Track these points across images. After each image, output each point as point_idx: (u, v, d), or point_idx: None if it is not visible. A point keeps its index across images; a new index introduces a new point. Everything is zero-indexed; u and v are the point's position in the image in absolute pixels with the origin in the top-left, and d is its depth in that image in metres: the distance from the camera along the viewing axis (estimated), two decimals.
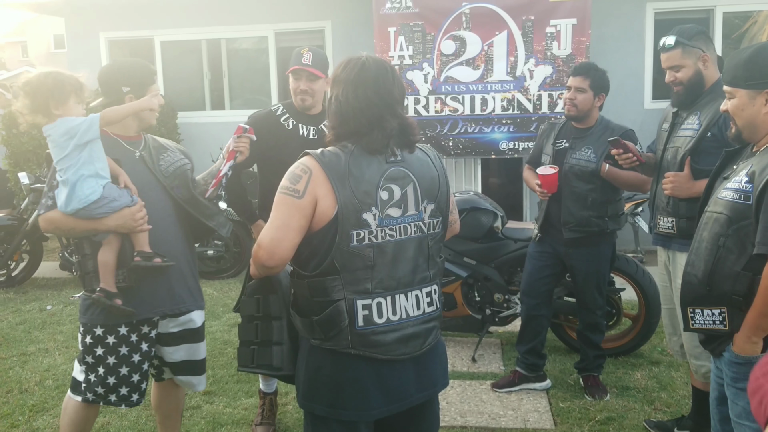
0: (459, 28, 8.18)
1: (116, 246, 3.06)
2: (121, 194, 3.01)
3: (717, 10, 8.56)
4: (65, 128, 2.90)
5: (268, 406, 4.26)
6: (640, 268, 5.08)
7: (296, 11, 9.35)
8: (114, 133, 3.15)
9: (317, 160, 2.29)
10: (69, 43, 10.39)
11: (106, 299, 3.01)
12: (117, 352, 3.14)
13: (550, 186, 4.30)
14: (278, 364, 2.50)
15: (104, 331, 3.12)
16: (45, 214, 3.04)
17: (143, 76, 3.22)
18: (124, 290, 3.08)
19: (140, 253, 3.06)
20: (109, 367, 3.14)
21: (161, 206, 3.19)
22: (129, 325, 3.14)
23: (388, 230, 2.31)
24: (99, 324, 3.12)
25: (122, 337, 3.14)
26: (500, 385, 4.68)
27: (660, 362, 5.06)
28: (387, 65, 2.41)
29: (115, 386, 3.17)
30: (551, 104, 8.12)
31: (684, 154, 3.54)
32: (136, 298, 3.11)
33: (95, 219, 2.98)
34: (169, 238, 3.21)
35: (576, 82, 4.29)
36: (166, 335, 3.28)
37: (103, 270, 3.04)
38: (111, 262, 3.05)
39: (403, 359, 2.38)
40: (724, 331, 2.54)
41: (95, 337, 3.13)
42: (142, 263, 3.04)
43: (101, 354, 3.13)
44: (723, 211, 2.52)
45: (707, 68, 3.56)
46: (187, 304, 3.29)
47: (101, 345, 3.13)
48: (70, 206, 2.93)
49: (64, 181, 2.93)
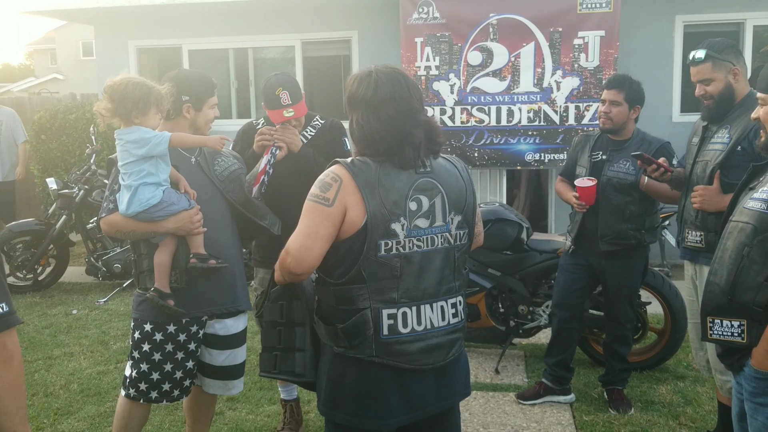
0: (486, 39, 8.18)
1: (172, 248, 3.17)
2: (179, 198, 3.13)
3: (747, 23, 8.48)
4: (137, 136, 3.02)
5: (289, 413, 4.28)
6: (667, 281, 5.04)
7: (323, 21, 9.39)
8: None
9: (348, 169, 2.29)
10: (98, 50, 10.51)
11: (160, 299, 3.11)
12: (163, 349, 3.21)
13: (588, 198, 4.27)
14: (301, 370, 2.51)
15: (153, 327, 3.21)
16: (106, 217, 3.17)
17: (203, 88, 3.32)
18: (177, 291, 3.17)
19: (196, 255, 3.16)
20: (153, 364, 3.22)
21: (217, 209, 3.30)
22: (177, 323, 3.22)
23: (416, 241, 2.31)
24: (149, 320, 3.21)
25: (170, 335, 3.22)
26: (525, 397, 4.65)
27: (685, 377, 5.01)
28: (399, 76, 2.39)
29: (158, 382, 3.23)
30: (578, 116, 8.09)
31: (713, 167, 3.52)
32: (187, 297, 3.20)
33: (154, 222, 3.10)
34: (223, 240, 3.32)
35: (611, 96, 4.26)
36: (211, 337, 3.34)
37: (159, 270, 3.15)
38: (167, 263, 3.16)
39: (426, 369, 2.38)
40: (742, 344, 2.51)
41: (144, 333, 3.22)
42: (198, 264, 3.15)
43: (147, 350, 3.21)
44: (749, 221, 2.50)
45: (738, 82, 3.54)
46: (236, 304, 3.38)
47: (148, 341, 3.21)
48: (131, 209, 3.06)
49: (127, 185, 3.07)
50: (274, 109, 3.70)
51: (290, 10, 9.29)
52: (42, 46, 49.75)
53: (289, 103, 3.67)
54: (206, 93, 3.32)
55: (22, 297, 7.55)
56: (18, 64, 56.83)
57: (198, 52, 10.05)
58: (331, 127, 4.01)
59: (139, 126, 3.04)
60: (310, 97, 9.95)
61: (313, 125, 3.98)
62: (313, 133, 3.95)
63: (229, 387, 3.52)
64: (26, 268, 7.63)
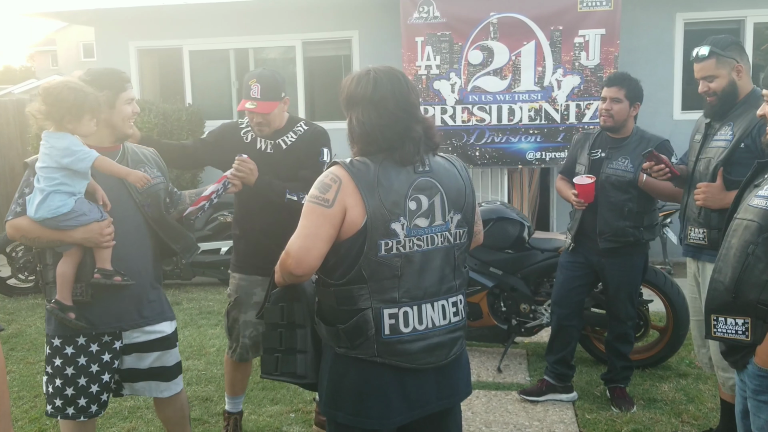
0: (487, 38, 8.18)
1: (77, 259, 3.02)
2: (91, 209, 2.98)
3: (748, 20, 8.48)
4: (65, 145, 2.88)
5: (232, 427, 4.20)
6: (669, 279, 5.04)
7: (324, 21, 9.39)
8: (89, 144, 3.02)
9: (347, 169, 2.29)
10: (98, 52, 10.53)
11: (60, 311, 2.97)
12: (75, 363, 3.08)
13: (587, 195, 4.27)
14: (302, 372, 2.51)
15: (62, 341, 3.07)
16: (13, 220, 2.99)
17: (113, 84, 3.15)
18: (82, 304, 3.03)
19: (101, 270, 3.00)
20: (67, 378, 3.08)
21: (131, 222, 3.14)
22: (87, 335, 3.08)
23: (416, 240, 2.31)
24: (57, 335, 3.08)
25: (80, 347, 3.08)
26: (528, 393, 4.65)
27: (688, 375, 5.00)
28: (397, 73, 2.41)
29: (73, 397, 3.09)
30: (579, 114, 8.08)
31: (717, 164, 3.51)
32: (95, 311, 3.07)
33: (62, 230, 2.95)
34: (135, 254, 3.16)
35: (611, 93, 4.26)
36: (132, 345, 3.20)
37: (61, 281, 3.00)
38: (69, 275, 3.01)
39: (428, 368, 2.38)
40: (746, 342, 2.51)
41: (53, 347, 3.08)
42: (101, 281, 2.99)
43: (59, 364, 3.08)
44: (754, 219, 2.49)
45: (741, 79, 3.53)
46: (148, 320, 3.22)
47: (59, 355, 3.08)
48: (38, 214, 2.90)
49: (39, 188, 2.91)
50: (243, 97, 3.73)
51: (291, 10, 9.30)
52: (43, 48, 49.77)
53: (257, 97, 3.64)
54: (118, 88, 3.14)
55: (24, 299, 7.55)
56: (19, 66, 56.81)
57: (198, 53, 10.06)
58: (313, 134, 3.89)
59: (68, 133, 2.91)
60: (311, 97, 9.96)
61: (295, 131, 3.88)
62: (294, 139, 3.86)
63: (161, 389, 3.33)
64: (28, 269, 7.63)
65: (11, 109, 11.12)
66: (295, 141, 3.85)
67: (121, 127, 3.16)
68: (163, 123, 8.84)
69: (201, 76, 10.20)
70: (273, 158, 3.78)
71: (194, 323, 6.59)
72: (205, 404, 4.67)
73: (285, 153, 3.81)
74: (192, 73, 10.11)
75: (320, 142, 3.88)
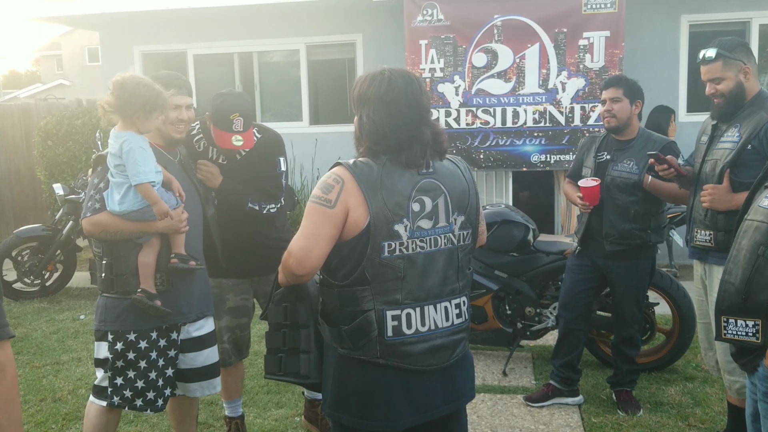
0: (491, 40, 8.17)
1: (157, 248, 3.14)
2: (169, 198, 3.10)
3: (753, 22, 8.45)
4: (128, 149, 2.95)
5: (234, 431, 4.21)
6: (675, 282, 5.01)
7: (328, 25, 9.40)
8: (156, 143, 3.23)
9: (350, 170, 2.28)
10: (103, 56, 10.55)
11: (148, 299, 3.07)
12: (148, 357, 3.19)
13: (592, 198, 4.25)
14: (305, 372, 2.51)
15: (137, 336, 3.17)
16: (92, 217, 3.06)
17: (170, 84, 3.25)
18: (162, 293, 3.15)
19: (177, 255, 3.14)
20: (139, 371, 3.19)
21: (196, 212, 3.31)
22: (159, 330, 3.21)
23: (419, 242, 2.31)
24: (132, 329, 3.17)
25: (153, 341, 3.20)
26: (533, 399, 4.63)
27: (694, 378, 4.98)
28: (412, 76, 2.41)
29: (143, 390, 3.20)
30: (583, 117, 8.07)
31: (723, 166, 3.49)
32: (170, 301, 3.18)
33: (146, 221, 3.05)
34: (199, 243, 3.34)
35: (609, 94, 4.25)
36: (186, 341, 3.34)
37: (144, 271, 3.10)
38: (152, 264, 3.12)
39: (431, 370, 2.38)
40: (756, 344, 2.49)
41: (128, 342, 3.17)
42: (179, 265, 3.12)
43: (132, 358, 3.18)
44: (764, 220, 2.47)
45: (748, 80, 3.51)
46: (204, 310, 3.39)
47: (133, 349, 3.18)
48: (122, 207, 2.99)
49: (118, 182, 3.00)
50: (223, 131, 3.53)
51: (294, 13, 9.30)
52: (48, 53, 49.95)
53: (240, 130, 3.53)
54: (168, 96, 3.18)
55: (30, 303, 7.55)
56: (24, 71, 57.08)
57: (203, 57, 10.08)
58: (268, 142, 3.79)
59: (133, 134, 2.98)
60: (315, 100, 9.96)
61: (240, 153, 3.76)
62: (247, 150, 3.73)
63: (214, 385, 3.50)
64: (33, 273, 7.65)
65: (17, 113, 11.12)
66: (249, 150, 3.72)
67: (166, 131, 3.26)
68: None
69: (205, 80, 10.21)
70: (226, 168, 3.67)
71: None
72: (210, 408, 4.66)
73: (239, 163, 3.71)
74: (196, 77, 10.12)
75: (275, 151, 3.80)
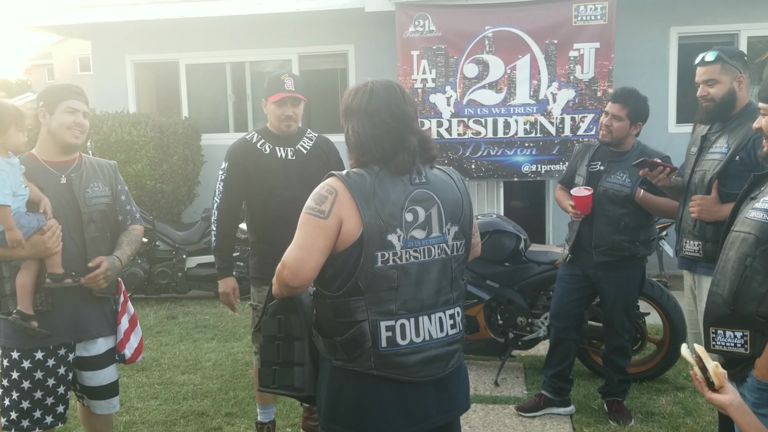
0: (482, 51, 8.21)
1: (34, 269, 3.10)
2: (29, 221, 3.03)
3: (741, 34, 8.52)
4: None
5: None
6: (665, 292, 5.03)
7: (320, 35, 9.42)
8: (42, 159, 3.18)
9: (343, 181, 2.29)
10: (95, 65, 10.53)
11: (23, 321, 3.04)
12: (32, 377, 3.14)
13: (583, 207, 4.27)
14: (300, 384, 2.48)
15: (20, 355, 3.13)
16: None
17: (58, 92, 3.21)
18: (42, 314, 3.11)
19: (51, 275, 3.09)
20: (23, 392, 3.14)
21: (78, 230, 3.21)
22: (45, 350, 3.15)
23: (413, 252, 2.31)
24: (16, 348, 3.13)
25: (38, 362, 3.14)
26: (525, 409, 4.63)
27: (685, 388, 4.99)
28: (394, 85, 2.42)
29: (29, 410, 3.15)
30: (574, 127, 8.11)
31: (712, 177, 3.52)
32: (53, 323, 3.14)
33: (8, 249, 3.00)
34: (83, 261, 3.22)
35: (614, 110, 4.26)
36: (82, 360, 3.30)
37: (21, 292, 3.07)
38: (29, 285, 3.08)
39: (426, 381, 2.37)
40: (745, 354, 2.50)
41: (12, 360, 3.14)
42: (53, 285, 3.08)
43: (16, 378, 3.13)
44: (751, 231, 2.49)
45: (741, 90, 3.55)
46: (101, 330, 3.32)
47: (17, 369, 3.13)
48: None
49: None
50: (276, 92, 3.85)
51: (287, 23, 9.32)
52: (39, 62, 49.86)
53: (292, 89, 3.84)
54: (60, 96, 3.17)
55: None
56: (15, 80, 56.80)
57: (195, 66, 10.08)
58: (325, 141, 4.14)
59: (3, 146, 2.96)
60: (308, 110, 9.96)
61: (308, 137, 4.07)
62: (310, 144, 4.03)
63: (113, 404, 3.46)
64: None
65: None
66: (312, 146, 4.01)
67: (61, 135, 3.17)
68: (159, 136, 8.84)
69: (197, 90, 10.21)
70: (296, 164, 3.86)
71: (190, 337, 6.56)
72: (201, 419, 4.65)
73: (307, 157, 3.93)
74: (188, 87, 10.12)
75: (335, 149, 4.11)
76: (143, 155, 8.63)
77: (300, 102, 3.93)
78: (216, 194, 3.99)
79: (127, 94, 10.09)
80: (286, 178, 3.81)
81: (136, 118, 8.96)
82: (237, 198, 3.98)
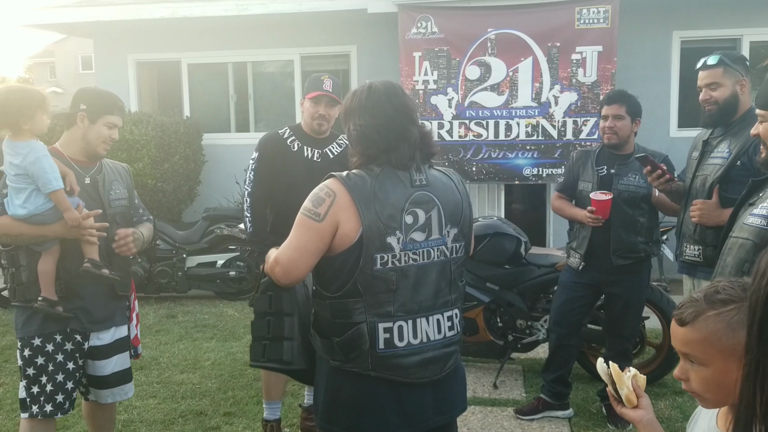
0: (484, 53, 8.21)
1: (56, 256, 3.16)
2: (72, 202, 3.11)
3: (744, 39, 8.52)
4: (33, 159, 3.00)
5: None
6: (665, 296, 5.03)
7: (322, 36, 9.42)
8: (68, 155, 3.26)
9: (342, 182, 2.29)
10: (97, 64, 10.53)
11: (49, 307, 3.11)
12: (54, 359, 3.20)
13: (604, 212, 4.21)
14: (288, 358, 2.51)
15: (42, 340, 3.19)
16: None
17: (102, 103, 3.29)
18: (63, 300, 3.18)
19: (91, 260, 3.15)
20: (48, 374, 3.19)
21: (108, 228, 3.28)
22: (62, 333, 3.21)
23: (412, 254, 2.31)
24: (36, 334, 3.19)
25: (58, 344, 3.20)
26: (524, 412, 4.63)
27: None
28: (392, 82, 2.46)
29: (51, 394, 3.20)
30: (576, 131, 8.11)
31: (713, 182, 3.52)
32: (72, 309, 3.21)
33: (45, 225, 3.07)
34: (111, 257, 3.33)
35: (613, 110, 4.26)
36: (94, 349, 3.34)
37: (44, 279, 3.14)
38: (51, 272, 3.15)
39: (423, 383, 2.37)
40: None
41: (34, 348, 3.19)
42: (91, 269, 3.13)
43: (42, 363, 3.19)
44: (749, 237, 2.49)
45: (743, 94, 3.56)
46: (116, 320, 3.41)
47: (41, 354, 3.19)
48: (23, 211, 3.03)
49: (18, 188, 3.03)
50: (314, 90, 3.94)
51: (289, 24, 9.32)
52: (41, 60, 49.91)
53: (329, 90, 3.92)
54: (105, 109, 3.26)
55: None
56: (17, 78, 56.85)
57: (197, 66, 10.08)
58: None
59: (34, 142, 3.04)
60: None
61: (338, 142, 4.13)
62: (339, 150, 4.09)
63: (125, 391, 3.50)
64: None
65: None
66: (340, 152, 4.05)
67: (95, 146, 3.28)
68: (160, 135, 8.84)
69: (199, 89, 10.21)
70: (320, 166, 3.89)
71: (189, 336, 6.56)
72: (200, 418, 4.64)
73: (332, 162, 3.96)
74: (190, 86, 10.12)
75: None
76: (144, 154, 8.63)
77: (335, 104, 3.97)
78: (246, 182, 4.11)
79: (129, 93, 10.09)
80: (310, 178, 3.78)
81: (138, 117, 8.96)
82: (267, 186, 4.07)
